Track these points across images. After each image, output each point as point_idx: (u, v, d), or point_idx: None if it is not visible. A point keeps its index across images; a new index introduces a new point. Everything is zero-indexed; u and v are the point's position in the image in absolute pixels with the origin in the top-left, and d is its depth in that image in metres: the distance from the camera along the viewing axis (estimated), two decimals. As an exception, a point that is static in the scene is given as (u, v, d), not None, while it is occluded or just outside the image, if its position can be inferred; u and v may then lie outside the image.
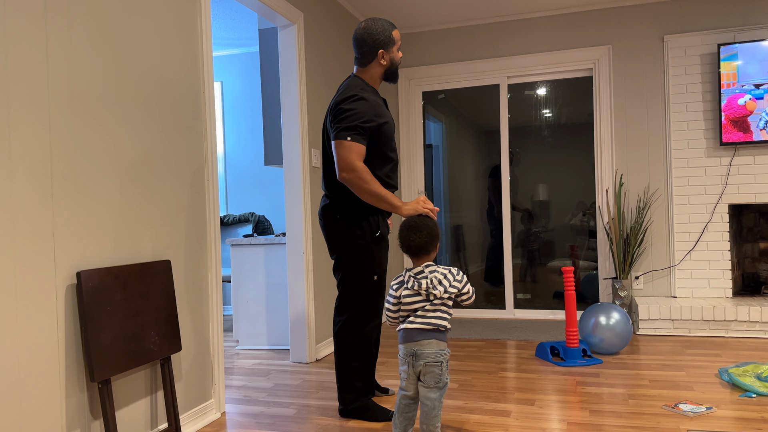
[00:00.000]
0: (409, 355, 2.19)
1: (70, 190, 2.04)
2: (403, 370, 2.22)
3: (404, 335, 2.21)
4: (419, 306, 2.19)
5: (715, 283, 4.41)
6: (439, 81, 5.15)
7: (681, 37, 4.46)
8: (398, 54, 2.70)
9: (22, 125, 1.87)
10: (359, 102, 2.52)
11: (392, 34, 2.65)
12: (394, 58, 2.69)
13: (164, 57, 2.52)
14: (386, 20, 2.68)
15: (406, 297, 2.20)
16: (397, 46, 2.69)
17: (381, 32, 2.62)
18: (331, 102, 2.65)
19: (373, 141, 2.57)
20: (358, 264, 2.61)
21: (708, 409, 2.63)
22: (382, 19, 2.67)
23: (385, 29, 2.63)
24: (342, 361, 2.68)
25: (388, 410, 2.67)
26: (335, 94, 2.66)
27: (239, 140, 5.77)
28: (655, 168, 4.58)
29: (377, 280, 2.64)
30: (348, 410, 2.70)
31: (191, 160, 2.69)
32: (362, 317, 2.65)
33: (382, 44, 2.63)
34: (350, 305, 2.65)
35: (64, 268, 2.00)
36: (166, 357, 2.36)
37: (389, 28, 2.65)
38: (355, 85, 2.61)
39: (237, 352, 4.15)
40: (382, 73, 2.71)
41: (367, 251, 2.61)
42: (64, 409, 1.98)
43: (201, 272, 2.73)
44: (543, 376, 3.27)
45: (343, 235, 2.61)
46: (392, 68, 2.70)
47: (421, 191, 5.20)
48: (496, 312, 5.06)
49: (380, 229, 2.63)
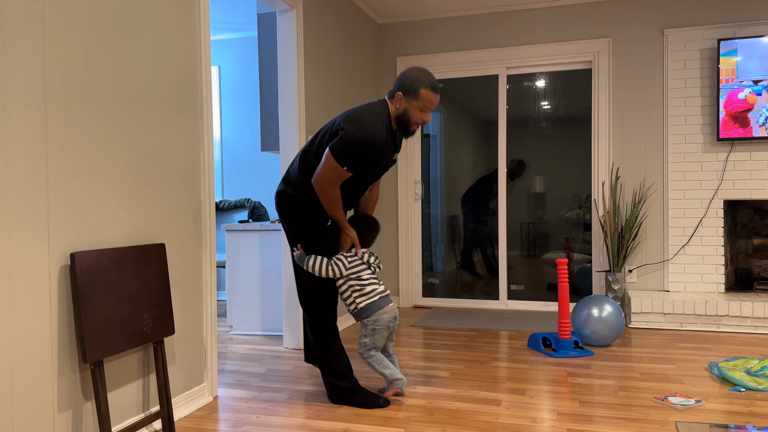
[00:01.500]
0: (392, 319, 2.72)
1: (65, 171, 2.03)
2: (385, 336, 2.72)
3: (383, 300, 2.71)
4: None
5: (708, 278, 4.43)
6: (437, 70, 5.13)
7: (681, 32, 4.45)
8: (417, 113, 2.60)
9: (17, 106, 1.85)
10: (370, 146, 2.51)
11: (420, 90, 2.56)
12: (408, 110, 2.60)
13: (161, 40, 2.50)
14: (431, 78, 2.59)
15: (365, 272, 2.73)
16: (420, 104, 2.58)
17: (411, 80, 2.57)
18: (351, 111, 2.60)
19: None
20: (317, 248, 2.70)
21: (697, 402, 2.65)
22: (429, 74, 2.60)
23: (416, 80, 2.57)
24: (319, 345, 2.73)
25: (378, 397, 2.69)
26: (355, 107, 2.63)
27: (236, 125, 5.75)
28: (651, 162, 4.59)
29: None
30: (335, 393, 2.73)
31: (188, 144, 2.67)
32: (327, 301, 2.73)
33: (404, 89, 2.59)
34: (309, 294, 2.74)
35: (57, 249, 2.00)
36: (159, 340, 2.36)
37: (423, 83, 2.57)
38: (380, 115, 2.57)
39: (230, 337, 4.16)
40: (395, 116, 2.66)
41: (324, 235, 2.70)
42: (56, 389, 1.99)
43: (195, 256, 2.73)
44: (534, 366, 3.29)
45: (302, 218, 2.70)
46: (403, 118, 2.63)
47: (418, 181, 5.19)
48: (490, 303, 5.08)
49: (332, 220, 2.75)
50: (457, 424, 2.46)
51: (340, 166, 2.52)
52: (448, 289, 5.28)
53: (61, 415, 2.01)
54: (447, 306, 5.17)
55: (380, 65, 5.22)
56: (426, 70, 2.61)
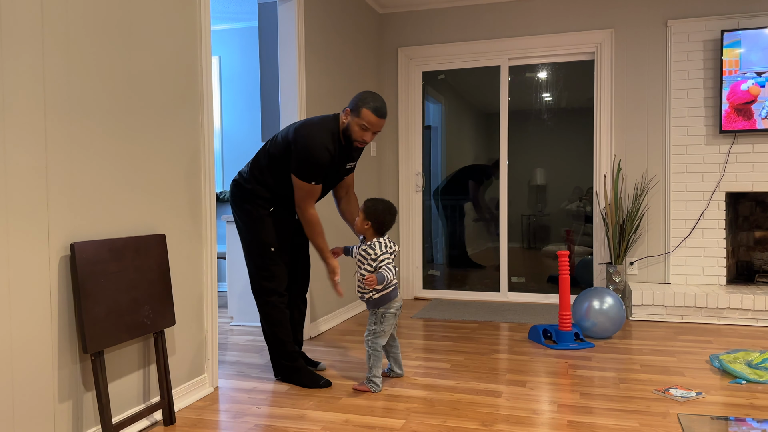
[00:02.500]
0: (399, 307, 2.80)
1: (65, 162, 2.02)
2: (392, 323, 2.78)
3: (395, 290, 2.77)
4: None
5: (709, 270, 4.43)
6: (439, 61, 5.10)
7: (685, 23, 4.42)
8: (357, 130, 2.72)
9: (15, 96, 1.84)
10: (318, 155, 2.68)
11: (363, 109, 2.69)
12: (350, 126, 2.74)
13: (161, 30, 2.48)
14: (377, 102, 2.71)
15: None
16: (359, 122, 2.70)
17: (359, 99, 2.71)
18: (300, 123, 2.77)
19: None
20: (257, 234, 2.86)
21: (698, 394, 2.65)
22: (379, 99, 2.73)
23: (363, 100, 2.70)
24: (264, 328, 2.93)
25: (319, 378, 2.85)
26: (298, 123, 2.78)
27: (236, 116, 5.73)
28: (653, 154, 4.57)
29: (275, 251, 2.86)
30: (281, 372, 2.93)
31: (188, 135, 2.66)
32: (267, 286, 2.86)
33: (351, 106, 2.74)
34: (257, 278, 2.89)
35: (57, 240, 1.99)
36: (159, 331, 2.36)
37: (367, 104, 2.69)
38: (326, 127, 2.73)
39: (231, 328, 4.16)
40: (342, 129, 2.78)
41: (263, 223, 2.85)
42: (56, 380, 1.98)
43: (196, 247, 2.72)
44: (535, 358, 3.29)
45: (246, 207, 2.88)
46: (346, 132, 2.76)
47: (419, 172, 5.18)
48: (490, 294, 5.08)
49: (274, 207, 2.87)
50: (457, 415, 2.47)
51: (306, 182, 2.72)
52: (449, 280, 5.28)
53: (62, 406, 2.01)
54: (447, 298, 5.17)
55: (381, 55, 5.20)
56: (378, 96, 2.76)
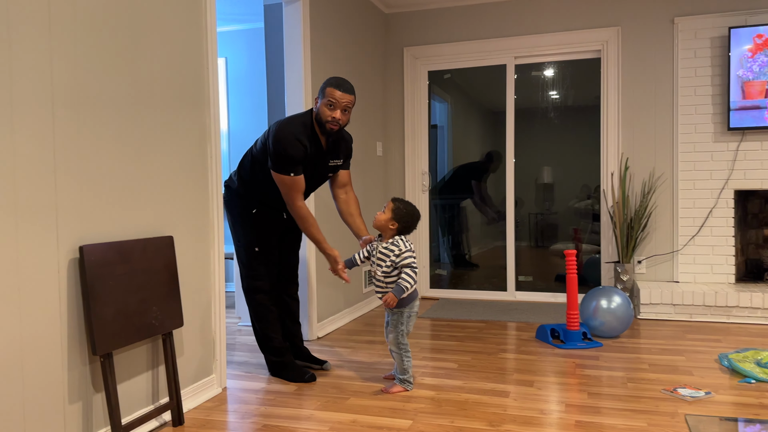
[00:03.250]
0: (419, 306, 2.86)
1: (73, 165, 2.03)
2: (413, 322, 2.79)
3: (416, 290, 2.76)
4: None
5: (718, 268, 4.40)
6: (445, 60, 5.10)
7: (692, 20, 4.39)
8: (325, 110, 2.72)
9: (24, 100, 1.85)
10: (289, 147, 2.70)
11: (326, 89, 2.72)
12: (320, 110, 2.75)
13: (167, 32, 2.49)
14: (338, 79, 2.74)
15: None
16: (325, 101, 2.72)
17: (322, 84, 2.75)
18: (277, 122, 2.80)
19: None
20: (242, 234, 2.94)
21: (707, 394, 2.64)
22: (339, 77, 2.76)
23: (325, 82, 2.75)
24: (253, 324, 3.02)
25: (305, 372, 2.93)
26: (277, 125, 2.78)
27: (243, 117, 5.74)
28: (661, 152, 4.55)
29: (259, 251, 2.93)
30: (269, 367, 3.03)
31: (195, 136, 2.67)
32: (253, 284, 2.94)
33: (319, 93, 2.77)
34: (244, 276, 2.98)
35: (66, 242, 2.00)
36: (167, 332, 2.37)
37: (329, 83, 2.73)
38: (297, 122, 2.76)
39: (239, 328, 4.17)
40: (316, 120, 2.79)
41: (247, 224, 2.92)
42: (66, 381, 2.00)
43: (203, 248, 2.74)
44: (542, 358, 3.28)
45: (233, 208, 2.97)
46: (319, 118, 2.76)
47: (425, 172, 5.18)
48: (497, 294, 5.07)
49: (256, 208, 2.92)
50: (464, 415, 2.47)
51: (285, 175, 2.72)
52: (455, 280, 5.28)
53: (72, 407, 2.02)
54: (454, 297, 5.17)
55: (387, 55, 5.20)
56: (341, 77, 2.82)
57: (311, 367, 3.11)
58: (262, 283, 2.94)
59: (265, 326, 2.97)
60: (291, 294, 3.12)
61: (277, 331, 2.99)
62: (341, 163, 2.98)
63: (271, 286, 2.97)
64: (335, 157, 2.92)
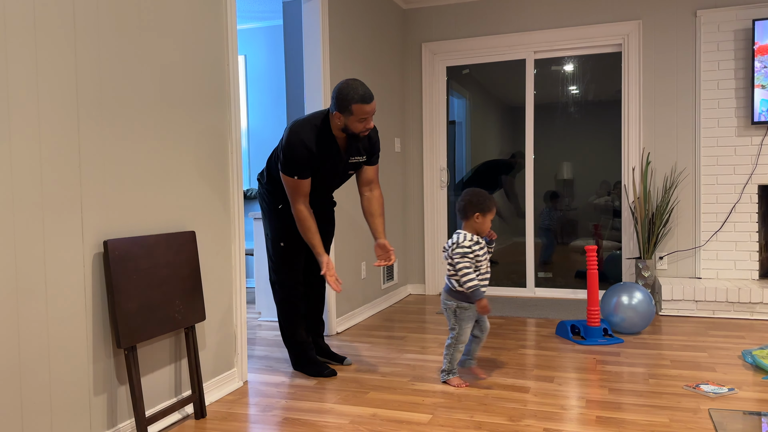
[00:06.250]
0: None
1: (98, 161, 2.07)
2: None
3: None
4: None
5: (741, 264, 4.34)
6: (463, 56, 5.08)
7: (714, 12, 4.33)
8: (357, 125, 2.67)
9: (50, 97, 1.89)
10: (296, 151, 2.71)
11: (352, 106, 2.62)
12: (348, 125, 2.69)
13: (188, 31, 2.52)
14: (359, 90, 2.62)
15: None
16: (356, 118, 2.65)
17: (342, 99, 2.63)
18: (288, 127, 2.78)
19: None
20: (269, 228, 2.99)
21: (730, 390, 2.61)
22: (358, 86, 2.63)
23: (346, 98, 2.62)
24: (278, 317, 3.04)
25: (325, 367, 2.98)
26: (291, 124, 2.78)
27: (263, 114, 5.78)
28: (683, 147, 4.49)
29: (284, 246, 2.94)
30: (292, 361, 3.07)
31: (216, 133, 2.70)
32: (279, 279, 2.97)
33: (339, 108, 2.66)
34: (270, 268, 3.03)
35: (91, 237, 2.04)
36: (190, 326, 2.41)
37: (353, 99, 2.62)
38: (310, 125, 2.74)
39: (259, 323, 4.21)
40: (341, 129, 2.73)
41: (274, 218, 2.95)
42: (91, 374, 2.04)
43: (225, 244, 2.77)
44: (563, 354, 3.27)
45: (263, 201, 3.03)
46: (348, 131, 2.72)
47: (443, 168, 5.17)
48: (517, 290, 5.05)
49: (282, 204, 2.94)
50: (484, 410, 2.47)
51: (289, 177, 2.74)
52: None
53: (97, 399, 2.06)
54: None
55: (405, 51, 5.19)
56: (354, 83, 2.64)
57: (331, 363, 3.13)
58: (285, 278, 2.97)
59: (288, 320, 3.00)
60: (317, 291, 3.14)
61: (300, 324, 3.01)
62: (364, 160, 2.92)
63: (296, 282, 2.98)
64: (356, 154, 2.87)
